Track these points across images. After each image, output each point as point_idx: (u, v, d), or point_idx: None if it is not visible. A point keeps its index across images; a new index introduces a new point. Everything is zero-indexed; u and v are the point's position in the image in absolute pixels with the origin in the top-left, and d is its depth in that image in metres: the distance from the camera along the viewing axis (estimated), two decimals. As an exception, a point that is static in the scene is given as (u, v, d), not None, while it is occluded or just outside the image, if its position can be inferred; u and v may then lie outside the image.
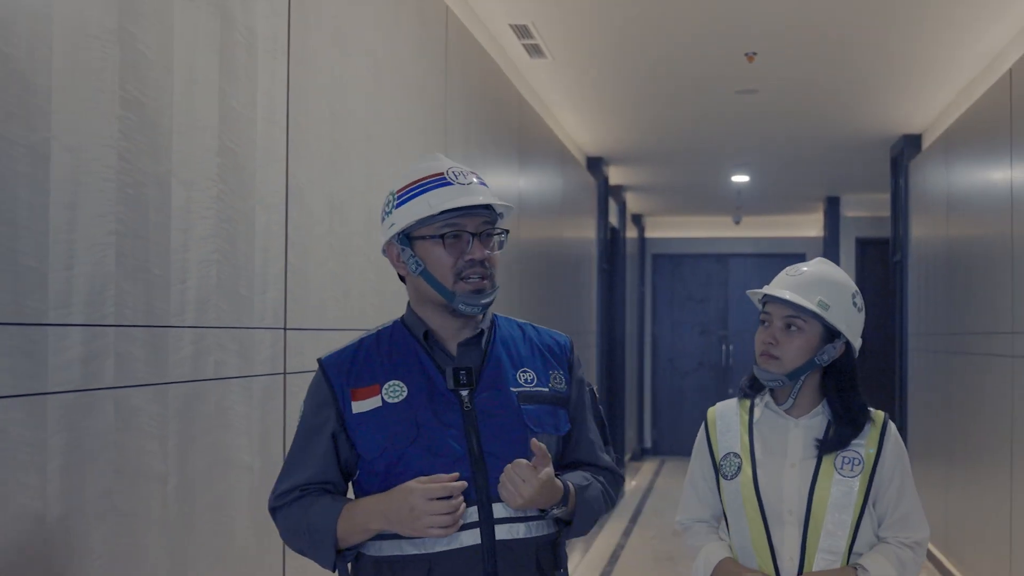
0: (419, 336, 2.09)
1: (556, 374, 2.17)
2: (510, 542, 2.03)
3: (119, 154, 2.01)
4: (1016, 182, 5.04)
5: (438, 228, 2.03)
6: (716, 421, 2.65)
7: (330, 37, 3.05)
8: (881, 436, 2.54)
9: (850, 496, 2.48)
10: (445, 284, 2.03)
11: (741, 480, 2.53)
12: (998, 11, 4.91)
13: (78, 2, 1.89)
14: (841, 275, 2.57)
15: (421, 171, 2.08)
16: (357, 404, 2.03)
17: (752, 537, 2.50)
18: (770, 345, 2.49)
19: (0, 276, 1.70)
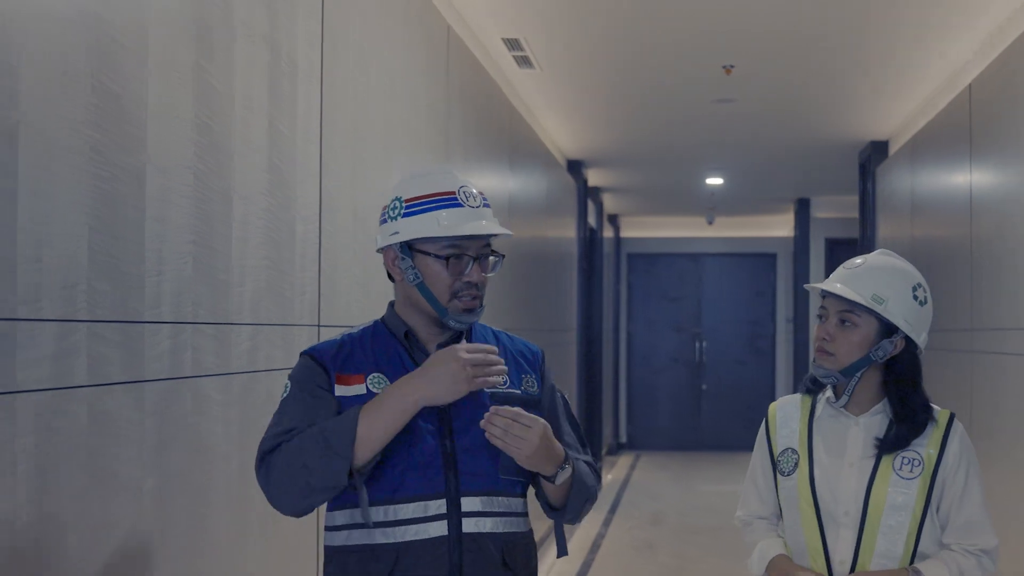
0: (400, 335, 2.15)
1: (528, 378, 2.22)
2: (476, 536, 2.07)
3: (195, 174, 2.31)
4: (975, 187, 5.40)
5: (442, 248, 2.08)
6: (776, 416, 2.58)
7: (354, 61, 3.35)
8: (944, 437, 2.44)
9: (908, 498, 2.39)
10: (440, 300, 2.09)
11: (797, 477, 2.47)
12: (959, 31, 5.27)
13: (167, 41, 2.19)
14: (901, 267, 2.47)
15: (432, 185, 2.11)
16: (340, 388, 2.08)
17: (806, 536, 2.44)
18: (824, 341, 2.43)
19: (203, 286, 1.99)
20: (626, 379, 14.66)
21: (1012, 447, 4.75)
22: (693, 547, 8.10)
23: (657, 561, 7.65)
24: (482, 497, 2.09)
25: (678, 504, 10.20)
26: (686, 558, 7.73)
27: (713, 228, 13.92)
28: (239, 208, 2.53)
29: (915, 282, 2.45)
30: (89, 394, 1.92)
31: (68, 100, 1.85)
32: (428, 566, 2.02)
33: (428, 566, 2.02)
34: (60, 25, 1.84)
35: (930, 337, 2.49)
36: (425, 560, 2.02)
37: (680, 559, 7.71)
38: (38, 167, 1.77)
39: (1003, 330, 4.85)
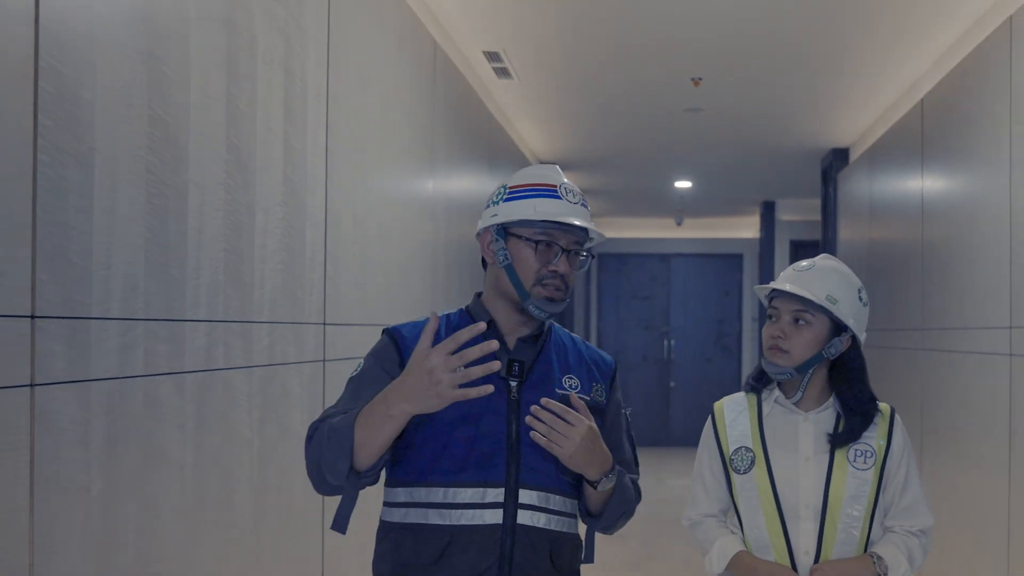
0: None
1: (598, 387, 2.24)
2: (530, 528, 2.08)
3: (225, 189, 2.60)
4: (926, 193, 5.76)
5: (535, 233, 2.12)
6: (724, 415, 2.64)
7: (354, 79, 3.64)
8: (890, 428, 2.55)
9: (864, 488, 2.49)
10: (524, 284, 2.12)
11: (756, 474, 2.52)
12: (912, 50, 5.62)
13: (205, 71, 2.48)
14: (847, 271, 2.59)
15: (538, 176, 2.19)
16: None
17: (769, 531, 2.49)
18: (779, 339, 2.50)
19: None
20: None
21: (959, 438, 5.09)
22: (663, 536, 8.43)
23: (629, 549, 7.97)
24: (539, 492, 2.10)
25: (648, 497, 10.37)
26: (657, 546, 8.07)
27: (682, 229, 14.17)
28: (260, 218, 2.82)
29: (858, 284, 2.59)
30: (144, 383, 2.21)
31: (130, 129, 2.14)
32: (479, 552, 2.04)
33: (479, 552, 2.04)
34: (126, 63, 2.12)
35: (884, 335, 2.80)
36: (477, 546, 2.04)
37: (651, 547, 8.04)
38: (107, 187, 2.05)
39: (950, 329, 5.20)
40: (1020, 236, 4.18)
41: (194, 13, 2.42)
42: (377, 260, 3.89)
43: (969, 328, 4.87)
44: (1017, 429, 4.18)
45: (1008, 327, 4.29)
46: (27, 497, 1.82)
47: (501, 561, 2.05)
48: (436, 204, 4.92)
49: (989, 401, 4.55)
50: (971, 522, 4.85)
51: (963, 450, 4.99)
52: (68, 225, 1.92)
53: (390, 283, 4.01)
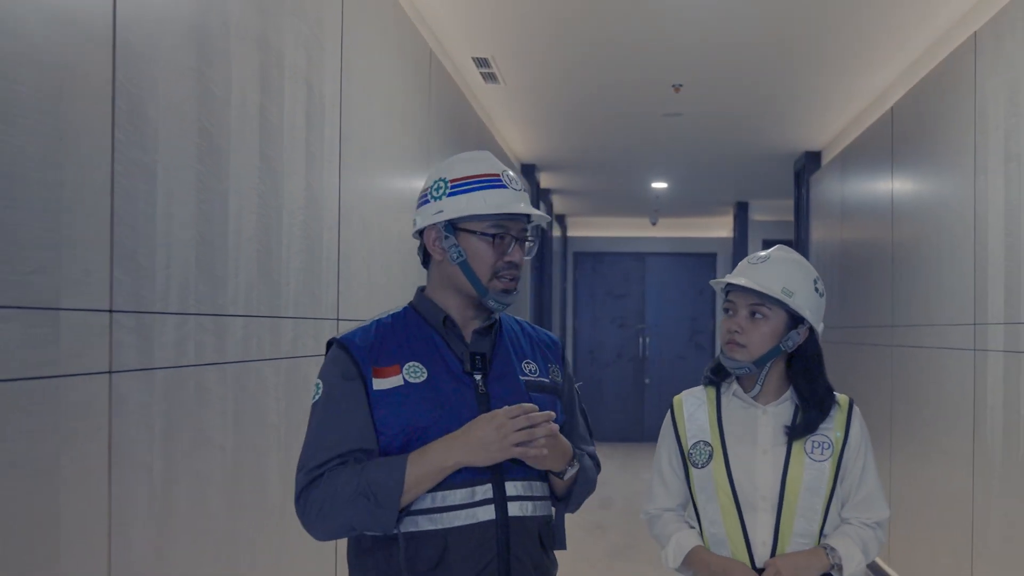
0: (436, 321, 2.14)
1: (553, 368, 2.25)
2: (522, 519, 2.08)
3: (259, 194, 2.82)
4: (896, 195, 6.04)
5: (488, 227, 2.09)
6: (683, 409, 2.62)
7: (363, 90, 3.86)
8: (847, 419, 2.54)
9: (821, 480, 2.47)
10: (481, 279, 2.09)
11: (713, 468, 2.51)
12: (883, 59, 5.90)
13: (242, 85, 2.69)
14: (802, 262, 2.56)
15: (479, 168, 2.14)
16: (378, 382, 2.05)
17: (725, 524, 2.48)
18: (736, 333, 2.48)
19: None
20: (573, 373, 15.01)
21: (927, 430, 5.37)
22: (640, 528, 8.69)
23: (608, 540, 8.22)
24: (524, 482, 2.11)
25: (624, 490, 10.77)
26: (634, 537, 8.33)
27: (656, 229, 14.37)
28: (287, 221, 3.04)
29: (814, 275, 2.55)
30: (195, 372, 2.43)
31: (184, 141, 2.35)
32: (477, 550, 2.03)
33: (477, 550, 2.03)
34: (181, 80, 2.34)
35: (855, 332, 3.00)
36: (474, 544, 2.03)
37: (629, 538, 8.30)
38: (167, 195, 2.27)
39: (918, 326, 5.48)
40: (983, 238, 4.46)
41: (234, 32, 2.63)
42: (380, 258, 4.11)
43: (936, 325, 5.14)
44: (981, 421, 4.45)
45: (972, 324, 4.56)
46: (106, 473, 2.04)
47: (500, 555, 2.05)
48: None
49: (955, 395, 4.82)
50: (937, 511, 5.13)
51: (930, 441, 5.27)
52: (137, 229, 2.13)
53: (391, 280, 4.23)
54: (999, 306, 4.26)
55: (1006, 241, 4.18)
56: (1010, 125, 4.14)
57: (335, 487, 1.98)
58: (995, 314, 4.30)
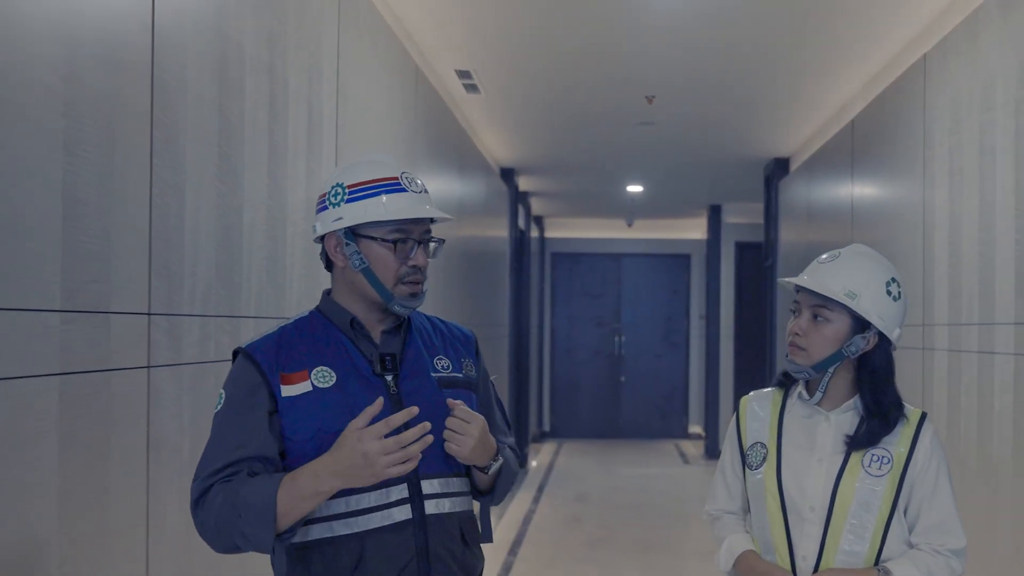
0: (343, 324, 2.11)
1: (467, 362, 2.23)
2: (439, 516, 2.07)
3: (267, 208, 3.12)
4: (854, 201, 6.40)
5: (388, 232, 2.06)
6: (747, 410, 2.52)
7: (355, 106, 4.17)
8: (915, 435, 2.38)
9: (875, 496, 2.33)
10: (386, 285, 2.06)
11: (764, 471, 2.41)
12: (846, 75, 6.25)
13: (253, 111, 3.00)
14: (876, 262, 2.40)
15: (375, 171, 2.10)
16: (287, 388, 2.01)
17: (772, 531, 2.38)
18: (797, 336, 2.37)
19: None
20: (550, 371, 15.23)
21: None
22: (615, 520, 9.03)
23: (584, 531, 8.55)
24: (440, 479, 2.09)
25: (600, 485, 11.11)
26: (610, 528, 8.66)
27: (632, 230, 14.60)
28: (290, 231, 3.34)
29: (888, 276, 2.38)
30: (214, 367, 2.73)
31: (207, 163, 2.66)
32: (395, 550, 2.01)
33: (395, 550, 2.01)
34: (204, 111, 2.64)
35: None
36: (392, 545, 2.01)
37: (605, 530, 8.64)
38: (194, 211, 2.58)
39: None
40: (930, 244, 4.81)
41: (248, 64, 2.94)
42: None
43: (891, 325, 5.49)
44: (929, 417, 4.79)
45: (921, 324, 4.92)
46: (144, 456, 2.35)
47: (419, 555, 2.03)
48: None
49: (905, 392, 5.16)
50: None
51: (885, 433, 5.62)
52: (170, 242, 2.44)
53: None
54: (944, 308, 4.61)
55: (949, 249, 4.54)
56: (953, 142, 4.49)
57: (217, 503, 1.94)
58: (940, 315, 4.65)
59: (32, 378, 1.88)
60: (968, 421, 4.28)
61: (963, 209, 4.36)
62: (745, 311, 13.56)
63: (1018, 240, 3.74)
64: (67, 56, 1.99)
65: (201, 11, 2.62)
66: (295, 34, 3.36)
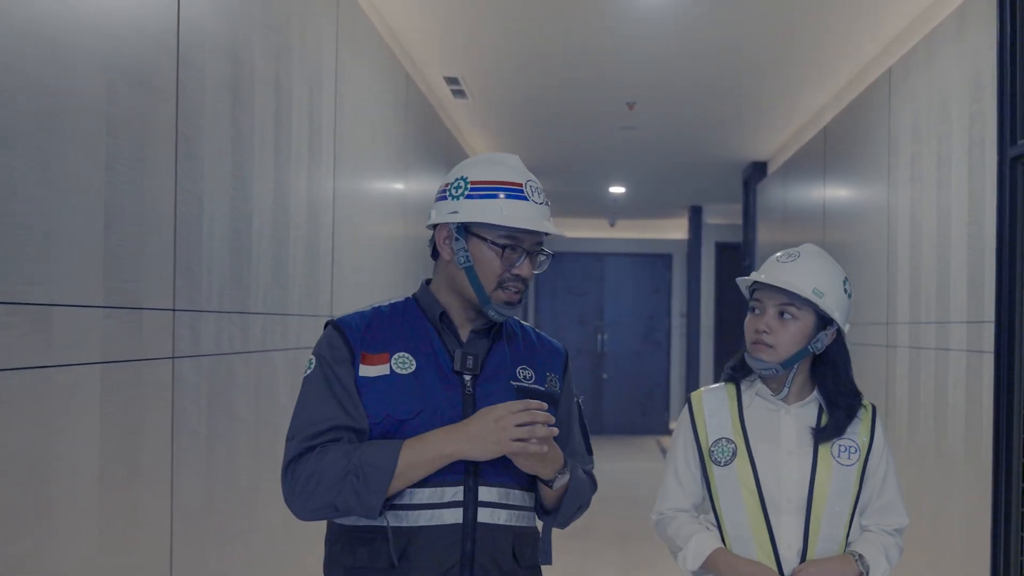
0: (433, 316, 2.09)
1: (552, 377, 2.17)
2: (491, 526, 2.01)
3: (273, 212, 3.38)
4: (826, 203, 6.69)
5: (500, 237, 2.03)
6: (703, 406, 2.51)
7: (351, 115, 4.42)
8: (872, 424, 2.47)
9: (848, 484, 2.41)
10: (486, 288, 2.04)
11: (737, 466, 2.42)
12: (819, 85, 6.52)
13: (260, 123, 3.25)
14: (832, 262, 2.48)
15: (501, 173, 2.07)
16: (365, 368, 2.01)
17: (751, 525, 2.39)
18: (764, 334, 2.39)
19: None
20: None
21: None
22: (596, 511, 9.21)
23: (566, 522, 8.83)
24: (500, 488, 2.04)
25: (582, 478, 11.38)
26: (589, 519, 8.87)
27: (615, 230, 14.84)
28: (293, 234, 3.60)
29: (843, 275, 2.48)
30: (227, 359, 2.98)
31: (221, 174, 2.91)
32: (440, 553, 1.98)
33: (440, 553, 1.98)
34: (219, 124, 2.90)
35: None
36: (437, 547, 1.98)
37: (584, 520, 8.78)
38: (212, 218, 2.83)
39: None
40: (893, 246, 5.09)
41: (257, 80, 3.19)
42: (367, 262, 4.68)
43: (858, 323, 5.77)
44: (892, 411, 5.08)
45: (885, 323, 5.20)
46: (169, 439, 2.60)
47: (463, 562, 1.99)
48: (407, 209, 5.72)
49: (869, 387, 5.45)
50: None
51: (853, 426, 5.90)
52: (191, 245, 2.69)
53: (375, 279, 4.81)
54: (905, 307, 4.89)
55: (911, 251, 4.82)
56: (915, 150, 4.78)
57: (324, 463, 1.94)
58: (902, 314, 4.94)
59: (78, 366, 2.13)
60: (926, 413, 4.56)
61: (923, 214, 4.64)
62: (725, 310, 13.81)
63: (970, 245, 4.03)
64: (109, 82, 2.24)
65: (219, 33, 2.87)
66: (299, 50, 3.61)
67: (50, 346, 2.01)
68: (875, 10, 4.97)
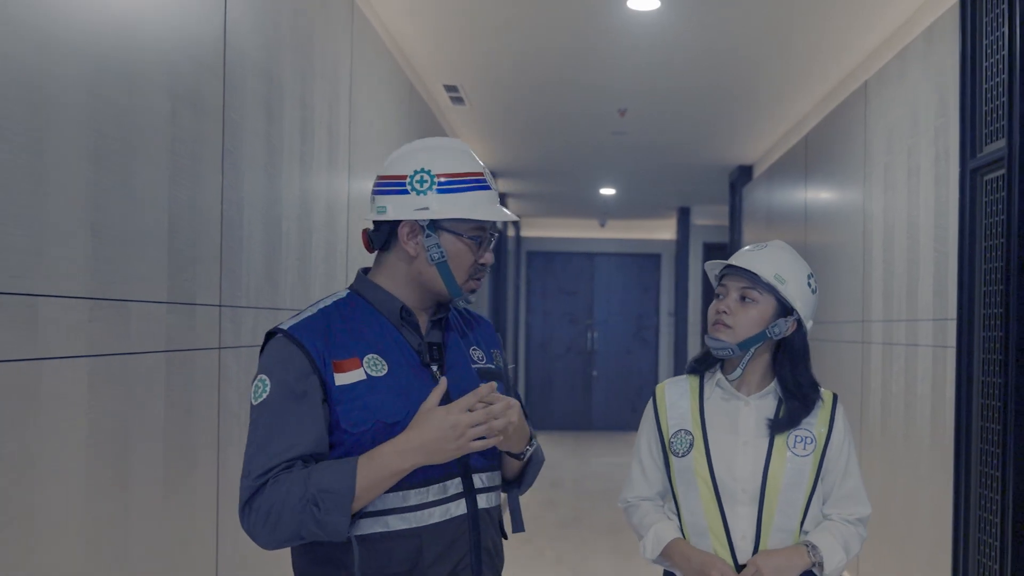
0: (391, 312, 2.02)
1: (495, 352, 2.19)
2: (487, 510, 2.04)
3: (298, 216, 3.69)
4: (808, 207, 7.01)
5: (472, 230, 2.01)
6: (665, 398, 2.56)
7: (363, 125, 4.74)
8: (831, 414, 2.49)
9: (802, 475, 2.42)
10: (458, 280, 2.01)
11: (694, 457, 2.45)
12: (801, 94, 6.83)
13: (288, 133, 3.57)
14: (798, 258, 2.52)
15: (464, 164, 2.02)
16: (340, 376, 1.91)
17: (706, 515, 2.43)
18: (723, 314, 2.44)
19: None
20: (525, 365, 15.58)
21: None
22: (587, 503, 9.63)
23: (559, 514, 9.14)
24: (487, 473, 2.06)
25: (573, 473, 11.67)
26: (582, 511, 9.26)
27: (605, 230, 15.09)
28: (316, 238, 3.91)
29: (808, 271, 2.52)
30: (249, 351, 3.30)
31: (258, 182, 3.23)
32: (452, 545, 1.98)
33: (452, 545, 1.98)
34: (257, 140, 3.21)
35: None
36: (449, 540, 1.97)
37: (577, 511, 9.24)
38: (250, 222, 3.14)
39: (824, 323, 6.44)
40: (868, 248, 5.42)
41: (287, 97, 3.51)
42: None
43: (836, 321, 6.09)
44: (867, 404, 5.41)
45: (860, 321, 5.53)
46: (215, 423, 2.92)
47: (473, 549, 2.01)
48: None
49: (847, 382, 5.78)
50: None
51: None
52: (233, 246, 3.01)
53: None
54: (879, 306, 5.23)
55: (884, 254, 5.15)
56: (888, 160, 5.11)
57: (279, 496, 1.84)
58: (876, 312, 5.27)
59: (148, 354, 2.45)
60: (897, 405, 4.90)
61: (895, 219, 4.98)
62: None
63: (936, 249, 4.36)
64: (172, 108, 2.56)
65: (256, 56, 3.19)
66: (320, 67, 3.93)
67: (128, 336, 2.33)
68: (854, 27, 5.29)
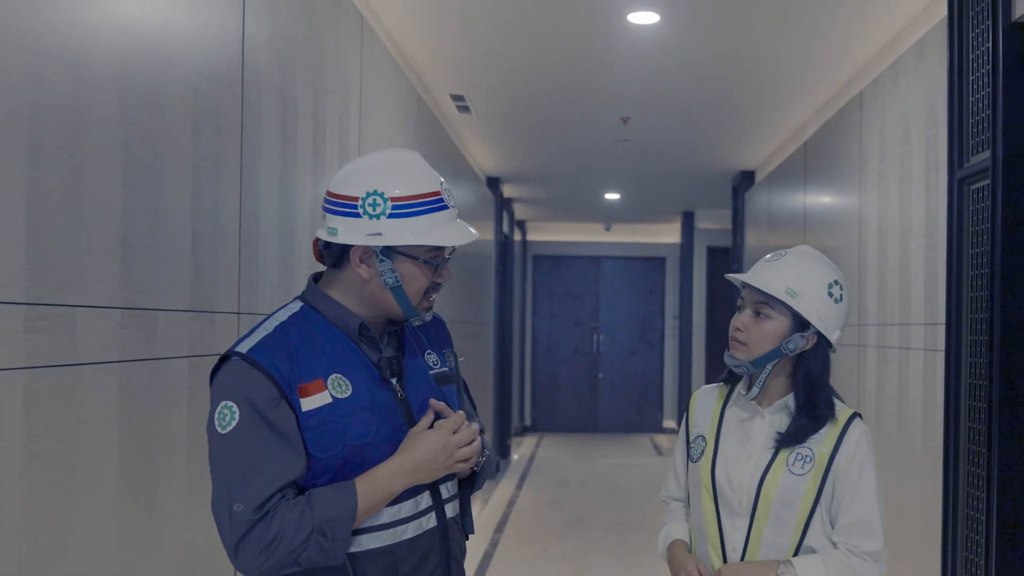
0: (350, 328, 1.97)
1: (448, 352, 2.17)
2: (454, 519, 2.08)
3: (309, 229, 3.85)
4: (807, 211, 7.16)
5: (427, 252, 1.95)
6: (695, 403, 2.57)
7: (372, 134, 4.89)
8: (840, 435, 2.37)
9: (796, 494, 2.34)
10: (413, 302, 1.97)
11: (701, 463, 2.46)
12: (800, 101, 6.97)
13: (303, 146, 3.73)
14: (819, 264, 2.41)
15: (419, 183, 1.93)
16: (306, 401, 1.86)
17: (706, 523, 2.43)
18: (738, 331, 2.39)
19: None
20: (531, 368, 15.79)
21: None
22: (592, 503, 9.78)
23: (563, 513, 9.28)
24: (449, 483, 2.09)
25: (579, 474, 11.83)
26: (587, 511, 9.41)
27: (610, 234, 15.26)
28: (327, 245, 4.07)
29: (831, 279, 2.40)
30: (276, 355, 3.45)
31: (274, 193, 3.39)
32: (425, 558, 1.99)
33: (425, 558, 1.99)
34: (272, 154, 3.37)
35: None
36: (422, 553, 1.99)
37: (582, 511, 9.38)
38: (266, 234, 3.30)
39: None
40: (863, 253, 5.57)
41: (300, 114, 3.67)
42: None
43: (834, 324, 6.23)
44: (863, 406, 5.55)
45: (856, 325, 5.68)
46: (233, 420, 3.07)
47: (443, 560, 2.03)
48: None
49: (841, 385, 5.93)
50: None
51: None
52: (251, 257, 3.17)
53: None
54: (874, 310, 5.37)
55: (878, 260, 5.30)
56: (882, 168, 5.26)
57: (284, 527, 1.81)
58: (871, 317, 5.42)
59: (173, 359, 2.60)
60: (891, 408, 5.04)
61: (888, 226, 5.12)
62: (716, 312, 14.25)
63: (927, 255, 4.50)
64: (194, 126, 2.72)
65: (272, 75, 3.35)
66: (332, 83, 4.09)
67: (155, 343, 2.49)
68: (850, 38, 5.44)
